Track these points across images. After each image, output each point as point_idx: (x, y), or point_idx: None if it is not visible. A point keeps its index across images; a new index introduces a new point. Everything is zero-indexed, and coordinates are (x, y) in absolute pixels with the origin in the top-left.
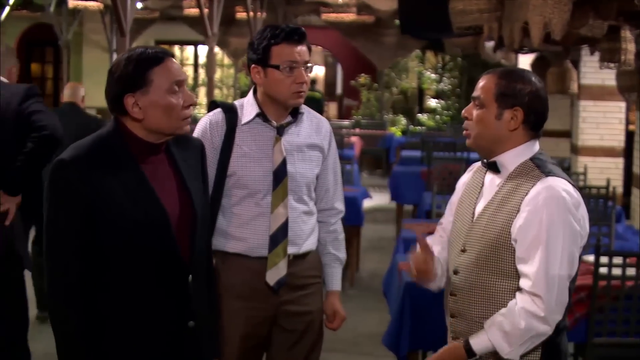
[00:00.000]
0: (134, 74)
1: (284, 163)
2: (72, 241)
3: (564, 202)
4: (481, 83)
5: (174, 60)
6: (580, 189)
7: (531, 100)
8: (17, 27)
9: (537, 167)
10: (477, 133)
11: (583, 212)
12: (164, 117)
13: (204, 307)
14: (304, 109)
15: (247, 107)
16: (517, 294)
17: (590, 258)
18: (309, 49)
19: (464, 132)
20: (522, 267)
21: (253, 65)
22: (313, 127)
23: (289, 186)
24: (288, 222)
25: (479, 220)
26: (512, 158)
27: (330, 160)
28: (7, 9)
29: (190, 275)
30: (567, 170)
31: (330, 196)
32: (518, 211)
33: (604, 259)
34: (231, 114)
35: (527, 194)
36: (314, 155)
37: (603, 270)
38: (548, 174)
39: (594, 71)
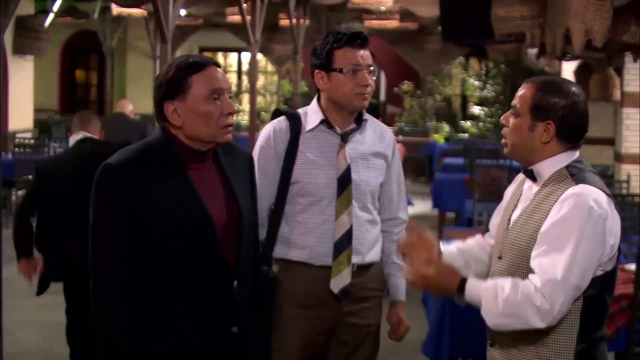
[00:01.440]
0: (173, 80)
1: (348, 170)
2: (118, 243)
3: (589, 212)
4: (520, 92)
5: (217, 68)
6: (623, 197)
7: (565, 114)
8: (62, 33)
9: (571, 175)
10: (513, 142)
11: (611, 225)
12: (202, 124)
13: (249, 314)
14: (367, 116)
15: (311, 114)
16: (526, 281)
17: (632, 267)
18: (373, 55)
19: (503, 140)
20: (533, 264)
21: (317, 71)
22: (377, 135)
23: (353, 194)
24: (352, 230)
25: (513, 228)
26: (548, 166)
27: (394, 169)
28: (52, 15)
29: (236, 281)
30: (611, 178)
31: (394, 206)
32: (546, 218)
33: None
34: (295, 121)
35: (556, 200)
36: (378, 164)
37: None
38: (580, 181)
39: (637, 78)
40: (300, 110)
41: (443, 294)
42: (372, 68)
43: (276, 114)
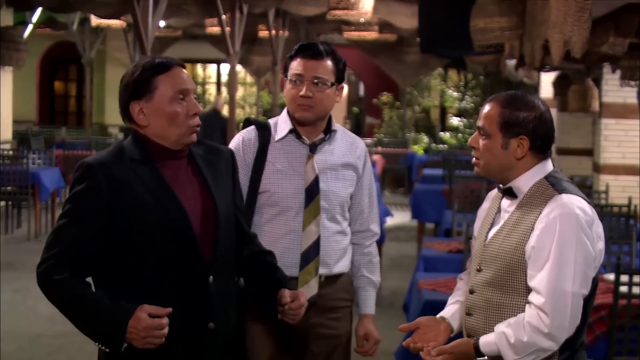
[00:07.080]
0: (139, 80)
1: (316, 181)
2: (76, 235)
3: (577, 220)
4: (484, 112)
5: (182, 69)
6: (602, 207)
7: (536, 127)
8: (41, 45)
9: (552, 185)
10: (485, 162)
11: (597, 230)
12: (168, 125)
13: (227, 310)
14: (338, 127)
15: (281, 124)
16: (526, 307)
17: (611, 277)
18: (337, 67)
19: (473, 160)
20: (532, 283)
21: (284, 78)
22: (347, 146)
23: (322, 205)
24: (320, 241)
25: (494, 241)
26: (527, 180)
27: (365, 181)
28: (31, 27)
29: (211, 277)
30: (589, 188)
31: (365, 218)
32: (532, 230)
33: (624, 278)
34: (264, 131)
35: (541, 212)
36: (347, 175)
37: (623, 289)
38: (562, 191)
39: (615, 89)
40: (272, 120)
41: None
42: (316, 81)
43: (246, 123)
